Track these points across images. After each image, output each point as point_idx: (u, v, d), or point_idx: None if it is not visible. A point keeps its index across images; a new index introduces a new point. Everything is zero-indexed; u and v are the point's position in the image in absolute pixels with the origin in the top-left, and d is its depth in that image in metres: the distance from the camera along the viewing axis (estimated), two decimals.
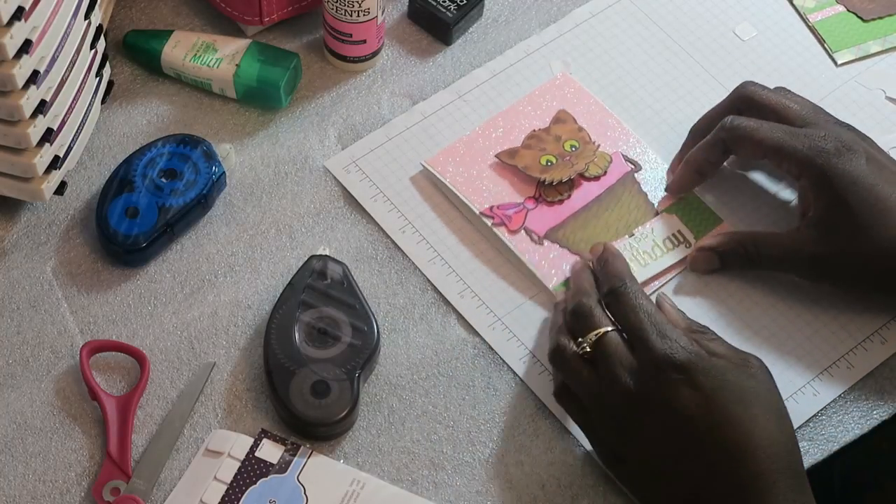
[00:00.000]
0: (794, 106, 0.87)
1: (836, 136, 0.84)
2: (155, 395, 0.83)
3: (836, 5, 1.03)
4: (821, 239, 0.84)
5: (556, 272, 0.88)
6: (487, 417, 0.83)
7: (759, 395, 0.75)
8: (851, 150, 0.83)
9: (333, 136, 0.95)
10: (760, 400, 0.74)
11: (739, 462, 0.73)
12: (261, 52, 0.95)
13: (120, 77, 0.97)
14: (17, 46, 0.77)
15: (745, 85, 0.90)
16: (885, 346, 0.87)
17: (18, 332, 0.85)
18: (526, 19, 1.02)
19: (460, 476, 0.81)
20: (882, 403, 0.85)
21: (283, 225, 0.91)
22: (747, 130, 0.86)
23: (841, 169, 0.82)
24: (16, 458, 0.81)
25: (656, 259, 0.89)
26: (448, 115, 0.96)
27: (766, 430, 0.73)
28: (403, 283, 0.89)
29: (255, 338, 0.86)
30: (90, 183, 0.92)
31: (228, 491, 0.79)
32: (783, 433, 0.74)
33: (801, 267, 0.86)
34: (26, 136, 0.82)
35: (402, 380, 0.85)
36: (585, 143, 0.94)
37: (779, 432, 0.74)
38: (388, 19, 1.01)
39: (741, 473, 0.72)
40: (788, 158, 0.84)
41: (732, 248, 0.87)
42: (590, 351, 0.78)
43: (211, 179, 0.89)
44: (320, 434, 0.81)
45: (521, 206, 0.91)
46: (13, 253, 0.89)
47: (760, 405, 0.74)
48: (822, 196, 0.83)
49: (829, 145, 0.83)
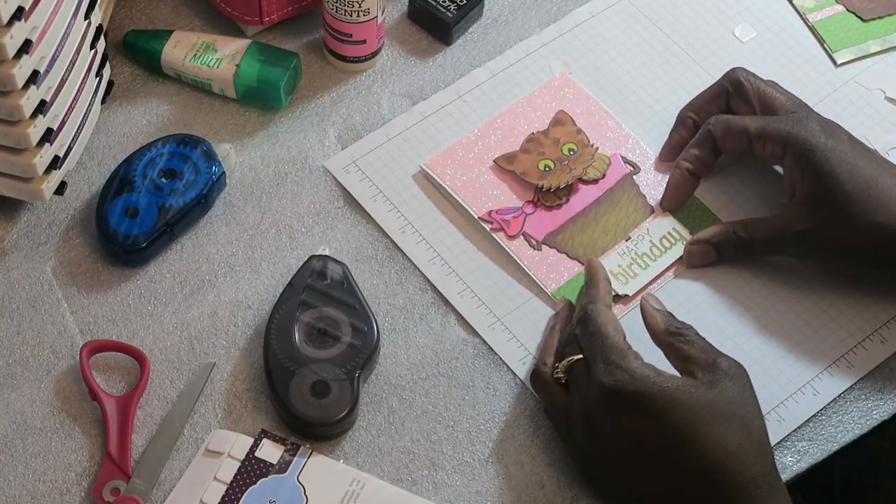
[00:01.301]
0: (780, 96, 0.89)
1: (817, 118, 0.87)
2: (155, 395, 0.83)
3: (835, 5, 1.03)
4: (809, 214, 0.85)
5: (555, 277, 0.88)
6: (487, 417, 0.83)
7: (716, 407, 0.73)
8: (833, 129, 0.86)
9: (333, 136, 0.95)
10: (719, 411, 0.73)
11: (702, 479, 0.73)
12: (261, 52, 0.95)
13: (120, 77, 0.97)
14: (17, 46, 0.77)
15: (735, 70, 0.91)
16: (885, 345, 0.87)
17: (18, 332, 0.85)
18: (526, 19, 1.02)
19: (460, 476, 0.81)
20: (882, 403, 0.85)
21: (283, 225, 0.91)
22: (731, 122, 0.88)
23: (824, 143, 0.84)
24: (16, 458, 0.81)
25: (655, 259, 0.89)
26: (448, 115, 0.96)
27: (728, 443, 0.72)
28: (403, 283, 0.89)
29: (255, 338, 0.86)
30: (90, 183, 0.92)
31: (228, 491, 0.79)
32: (750, 440, 0.73)
33: (790, 245, 0.86)
34: (26, 136, 0.82)
35: (402, 380, 0.85)
36: (584, 146, 0.94)
37: (745, 441, 0.73)
38: (388, 19, 1.01)
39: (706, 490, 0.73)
40: (772, 139, 0.86)
41: (725, 236, 0.88)
42: (564, 376, 0.80)
43: (211, 179, 0.89)
44: (320, 434, 0.81)
45: (520, 210, 0.91)
46: (13, 253, 0.89)
47: (719, 417, 0.73)
48: (808, 171, 0.84)
49: (811, 124, 0.86)
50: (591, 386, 0.76)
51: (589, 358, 0.77)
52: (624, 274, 0.88)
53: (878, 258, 0.84)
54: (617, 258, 0.89)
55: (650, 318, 0.80)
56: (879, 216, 0.82)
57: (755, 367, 0.83)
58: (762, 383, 0.83)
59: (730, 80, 0.91)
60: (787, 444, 0.83)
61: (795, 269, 0.88)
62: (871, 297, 0.88)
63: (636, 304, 0.87)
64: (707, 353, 0.77)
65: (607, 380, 0.75)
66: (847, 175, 0.83)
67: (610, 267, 0.88)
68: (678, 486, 0.74)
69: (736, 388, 0.75)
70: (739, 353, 0.83)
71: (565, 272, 0.88)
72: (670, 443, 0.73)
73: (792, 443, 0.83)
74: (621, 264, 0.89)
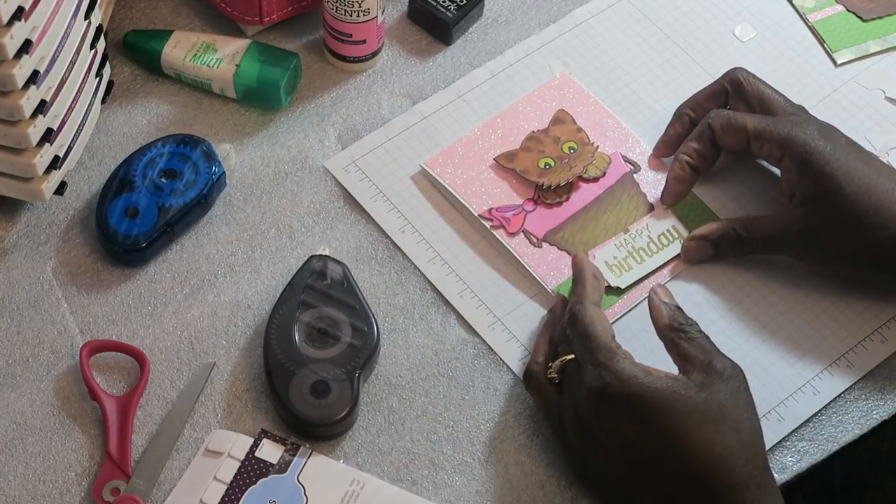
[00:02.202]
0: (779, 98, 0.89)
1: (815, 121, 0.87)
2: (155, 395, 0.83)
3: (835, 5, 1.03)
4: (808, 216, 0.85)
5: (556, 274, 0.88)
6: (487, 417, 0.83)
7: (705, 410, 0.73)
8: (831, 132, 0.86)
9: (333, 136, 0.95)
10: (709, 414, 0.73)
11: (690, 482, 0.73)
12: (261, 52, 0.95)
13: (120, 77, 0.97)
14: (17, 46, 0.77)
15: (735, 70, 0.91)
16: (886, 344, 0.87)
17: (18, 332, 0.85)
18: (526, 19, 1.02)
19: (460, 476, 0.81)
20: (882, 403, 0.85)
21: (283, 225, 0.91)
22: (731, 117, 0.88)
23: (823, 146, 0.84)
24: (16, 458, 0.81)
25: (652, 255, 0.89)
26: (448, 115, 0.96)
27: (716, 445, 0.72)
28: (403, 283, 0.89)
29: (255, 338, 0.86)
30: (90, 183, 0.92)
31: (228, 491, 0.79)
32: (740, 443, 0.73)
33: (789, 245, 0.86)
34: (26, 136, 0.82)
35: (402, 380, 0.85)
36: (584, 144, 0.94)
37: (735, 443, 0.73)
38: (388, 19, 1.01)
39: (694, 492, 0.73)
40: (770, 140, 0.86)
41: (724, 233, 0.88)
42: (557, 376, 0.80)
43: (211, 179, 0.89)
44: (320, 434, 0.81)
45: (520, 208, 0.91)
46: (13, 253, 0.89)
47: (708, 420, 0.73)
48: (806, 173, 0.84)
49: (809, 127, 0.86)
50: (581, 388, 0.76)
51: (579, 359, 0.77)
52: (619, 266, 0.88)
53: (877, 260, 0.84)
54: (613, 250, 0.89)
55: (655, 310, 0.80)
56: (878, 218, 0.82)
57: (755, 366, 0.84)
58: (762, 383, 0.83)
59: (729, 80, 0.91)
60: (787, 444, 0.83)
61: (795, 269, 0.88)
62: (870, 297, 0.88)
63: (636, 302, 0.87)
64: (705, 352, 0.76)
65: (596, 381, 0.75)
66: (846, 178, 0.83)
67: (605, 258, 0.88)
68: (667, 487, 0.74)
69: (728, 390, 0.75)
70: (739, 353, 0.83)
71: (565, 269, 0.88)
72: (658, 444, 0.73)
73: (792, 443, 0.83)
74: (617, 256, 0.89)
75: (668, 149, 0.93)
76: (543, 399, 0.80)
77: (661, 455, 0.73)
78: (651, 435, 0.73)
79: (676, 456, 0.73)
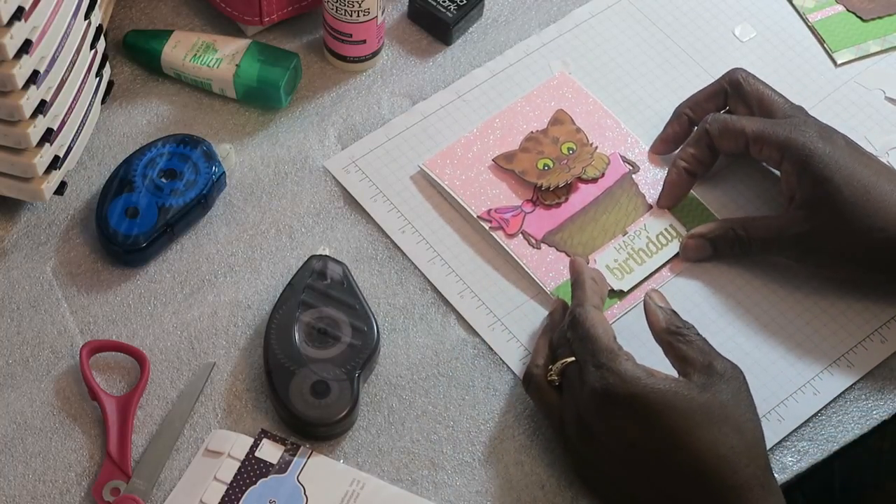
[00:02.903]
0: (779, 99, 0.89)
1: (815, 123, 0.87)
2: (155, 395, 0.83)
3: (835, 5, 1.03)
4: (808, 218, 0.85)
5: (554, 276, 0.88)
6: (487, 417, 0.83)
7: (708, 411, 0.73)
8: (830, 135, 0.86)
9: (333, 136, 0.95)
10: (711, 414, 0.73)
11: (693, 482, 0.73)
12: (261, 52, 0.95)
13: (120, 77, 0.97)
14: (17, 46, 0.77)
15: (735, 70, 0.91)
16: (885, 345, 0.87)
17: (18, 332, 0.85)
18: (526, 19, 1.02)
19: (460, 476, 0.81)
20: (882, 403, 0.85)
21: (283, 225, 0.91)
22: (729, 122, 0.88)
23: (822, 149, 0.84)
24: (16, 458, 0.81)
25: (652, 256, 0.89)
26: (448, 115, 0.96)
27: (719, 446, 0.72)
28: (403, 283, 0.89)
29: (255, 338, 0.86)
30: (90, 183, 0.92)
31: (228, 491, 0.79)
32: (743, 443, 0.73)
33: (788, 247, 0.86)
34: (26, 136, 0.82)
35: (402, 380, 0.85)
36: (583, 144, 0.94)
37: (737, 444, 0.73)
38: (388, 19, 1.01)
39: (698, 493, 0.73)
40: (770, 143, 0.86)
41: (723, 233, 0.88)
42: (557, 379, 0.79)
43: (211, 179, 0.89)
44: (320, 434, 0.81)
45: (519, 209, 0.91)
46: (13, 253, 0.89)
47: (711, 420, 0.73)
48: (806, 177, 0.84)
49: (809, 129, 0.86)
50: (583, 389, 0.76)
51: (580, 361, 0.77)
52: (620, 269, 0.88)
53: (876, 262, 0.84)
54: (613, 253, 0.89)
55: (651, 314, 0.80)
56: (877, 221, 0.82)
57: (755, 367, 0.84)
58: (762, 383, 0.83)
59: (729, 81, 0.91)
60: (787, 444, 0.83)
61: (795, 269, 0.88)
62: (870, 297, 0.88)
63: (635, 303, 0.87)
64: (704, 354, 0.77)
65: (598, 383, 0.75)
66: (845, 180, 0.83)
67: (606, 262, 0.88)
68: (670, 488, 0.74)
69: (730, 390, 0.75)
70: (739, 353, 0.84)
71: (564, 271, 0.88)
72: (661, 445, 0.73)
73: (792, 443, 0.83)
74: (617, 259, 0.89)
75: (665, 146, 0.93)
76: (544, 401, 0.80)
77: (665, 456, 0.73)
78: (654, 436, 0.73)
79: (680, 457, 0.73)
